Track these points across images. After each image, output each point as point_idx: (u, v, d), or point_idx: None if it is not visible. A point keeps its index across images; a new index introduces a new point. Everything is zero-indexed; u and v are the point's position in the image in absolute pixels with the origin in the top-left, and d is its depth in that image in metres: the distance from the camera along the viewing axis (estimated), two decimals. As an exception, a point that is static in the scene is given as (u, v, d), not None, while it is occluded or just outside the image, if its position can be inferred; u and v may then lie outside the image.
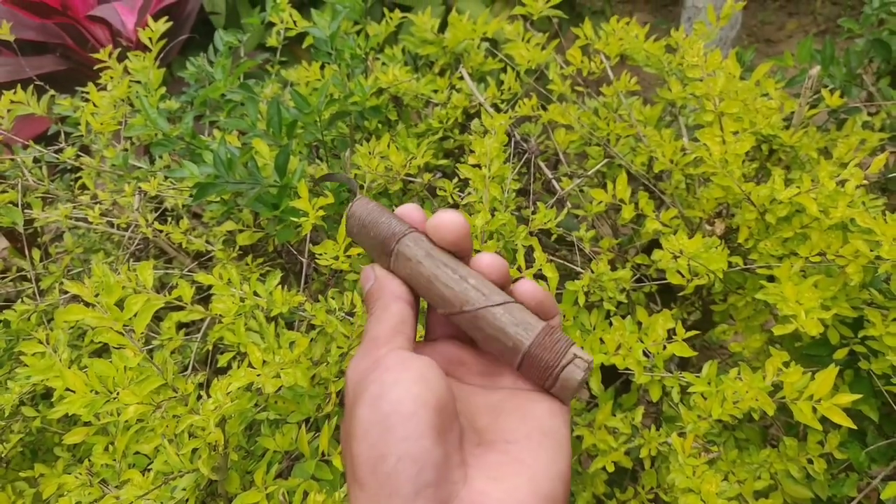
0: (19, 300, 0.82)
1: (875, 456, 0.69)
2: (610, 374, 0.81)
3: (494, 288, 0.36)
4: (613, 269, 0.77)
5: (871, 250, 0.62)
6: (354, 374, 0.33)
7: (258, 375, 0.55)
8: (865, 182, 0.70)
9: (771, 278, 0.71)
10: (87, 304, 0.56)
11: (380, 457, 0.30)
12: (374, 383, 0.32)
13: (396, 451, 0.30)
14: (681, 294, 0.76)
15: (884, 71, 1.03)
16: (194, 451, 0.56)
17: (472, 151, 0.77)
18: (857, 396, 0.57)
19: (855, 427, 0.57)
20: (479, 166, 0.74)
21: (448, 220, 0.36)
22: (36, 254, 0.93)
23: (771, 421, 0.83)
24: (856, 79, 1.02)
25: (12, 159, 0.94)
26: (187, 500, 0.54)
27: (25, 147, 0.97)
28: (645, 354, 0.67)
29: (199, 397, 0.57)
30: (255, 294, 0.64)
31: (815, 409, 0.58)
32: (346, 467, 0.33)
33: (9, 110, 0.98)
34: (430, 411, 0.31)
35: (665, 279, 0.71)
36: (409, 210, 0.38)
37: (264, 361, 0.58)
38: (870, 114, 1.00)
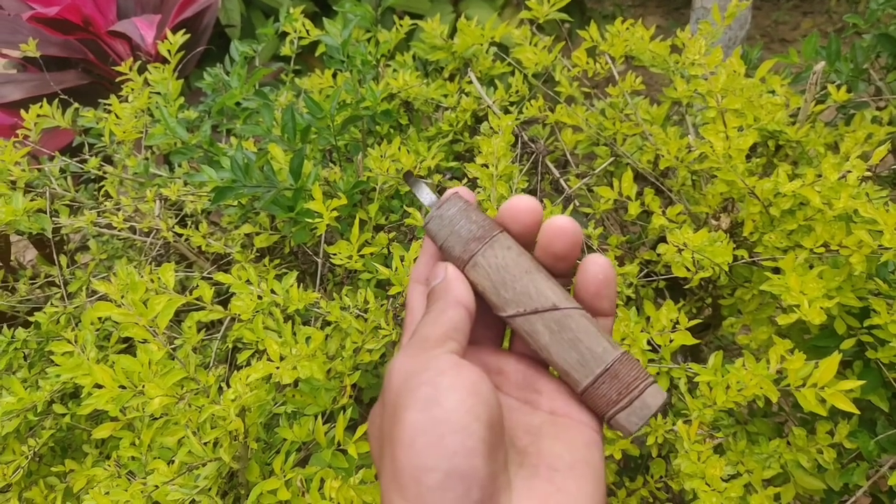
0: (48, 303, 0.86)
1: (885, 445, 0.70)
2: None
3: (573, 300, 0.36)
4: (622, 265, 0.79)
5: (875, 240, 0.63)
6: (400, 373, 0.31)
7: (276, 368, 0.57)
8: (870, 174, 0.71)
9: (776, 270, 0.72)
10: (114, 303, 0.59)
11: (426, 469, 0.28)
12: (427, 385, 0.29)
13: (445, 465, 0.28)
14: (687, 287, 0.77)
15: (891, 66, 1.03)
16: (216, 442, 0.59)
17: (480, 152, 0.79)
18: (862, 382, 0.58)
19: (859, 413, 0.58)
20: (486, 165, 0.76)
21: (524, 206, 0.36)
22: (63, 260, 0.96)
23: (785, 417, 0.84)
24: (862, 74, 1.02)
25: (40, 169, 0.98)
26: (210, 488, 0.57)
27: (52, 158, 1.01)
28: (652, 348, 0.68)
29: (220, 390, 0.59)
30: (273, 292, 0.67)
31: (823, 401, 0.59)
32: (385, 471, 0.30)
33: (35, 123, 1.02)
34: (483, 427, 0.29)
35: (673, 275, 0.72)
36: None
37: (282, 356, 0.60)
38: (878, 108, 1.01)
